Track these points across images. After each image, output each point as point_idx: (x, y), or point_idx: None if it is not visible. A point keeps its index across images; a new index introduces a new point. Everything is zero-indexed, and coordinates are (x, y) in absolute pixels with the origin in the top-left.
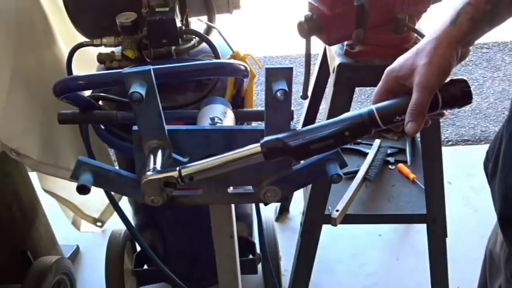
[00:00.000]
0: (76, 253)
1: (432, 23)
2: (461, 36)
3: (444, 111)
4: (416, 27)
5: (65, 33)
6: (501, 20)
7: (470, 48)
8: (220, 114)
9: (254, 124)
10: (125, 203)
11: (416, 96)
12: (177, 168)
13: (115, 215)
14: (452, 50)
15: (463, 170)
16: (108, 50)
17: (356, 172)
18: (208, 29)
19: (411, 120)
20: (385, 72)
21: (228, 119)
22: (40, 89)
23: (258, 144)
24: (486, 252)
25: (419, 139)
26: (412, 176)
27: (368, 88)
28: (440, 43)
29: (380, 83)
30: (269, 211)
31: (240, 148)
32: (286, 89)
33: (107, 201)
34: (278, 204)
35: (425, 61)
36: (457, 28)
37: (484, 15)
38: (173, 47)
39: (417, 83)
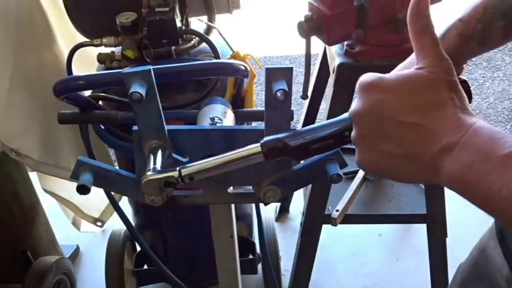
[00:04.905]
0: (76, 253)
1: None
2: (447, 51)
3: None
4: None
5: (65, 33)
6: (492, 43)
7: (464, 66)
8: (220, 114)
9: (254, 124)
10: (125, 203)
11: None
12: (177, 168)
13: (115, 215)
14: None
15: None
16: (108, 50)
17: (356, 172)
18: (208, 29)
19: None
20: None
21: (228, 119)
22: (40, 89)
23: (258, 144)
24: (476, 247)
25: None
26: None
27: None
28: None
29: None
30: (269, 211)
31: (240, 148)
32: (286, 89)
33: (107, 201)
34: (278, 204)
35: None
36: (444, 43)
37: (474, 34)
38: (173, 47)
39: None
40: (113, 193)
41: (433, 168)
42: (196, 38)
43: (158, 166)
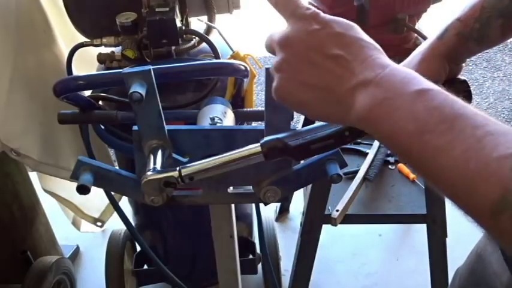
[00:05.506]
0: (76, 253)
1: (432, 23)
2: (446, 50)
3: None
4: (416, 27)
5: (65, 33)
6: (490, 41)
7: (463, 65)
8: (220, 114)
9: (254, 124)
10: (125, 203)
11: None
12: (177, 168)
13: (115, 215)
14: (438, 64)
15: None
16: (108, 50)
17: (356, 172)
18: (208, 29)
19: None
20: None
21: (228, 119)
22: (40, 89)
23: (258, 144)
24: (473, 252)
25: None
26: (412, 175)
27: None
28: (426, 57)
29: None
30: (269, 211)
31: (240, 148)
32: None
33: (107, 201)
34: (278, 204)
35: None
36: (443, 42)
37: (472, 33)
38: (173, 47)
39: None
40: (113, 193)
41: (345, 103)
42: (196, 38)
43: (158, 166)
